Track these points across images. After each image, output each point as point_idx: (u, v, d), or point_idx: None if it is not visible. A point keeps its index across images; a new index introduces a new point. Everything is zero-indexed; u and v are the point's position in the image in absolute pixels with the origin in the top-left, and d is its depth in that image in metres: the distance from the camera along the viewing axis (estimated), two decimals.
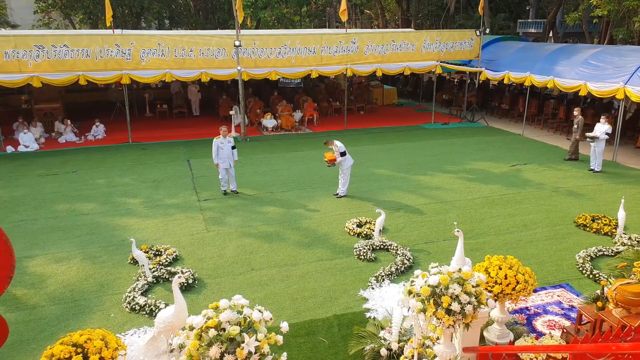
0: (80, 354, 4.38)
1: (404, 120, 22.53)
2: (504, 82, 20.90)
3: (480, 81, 22.63)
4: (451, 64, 21.96)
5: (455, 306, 4.58)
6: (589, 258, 8.69)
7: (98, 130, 18.92)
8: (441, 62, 21.07)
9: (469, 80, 23.23)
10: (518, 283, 5.56)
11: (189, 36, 18.58)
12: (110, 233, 10.11)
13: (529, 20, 38.85)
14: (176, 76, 18.01)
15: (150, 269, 8.22)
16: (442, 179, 13.58)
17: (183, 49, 17.79)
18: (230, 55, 18.20)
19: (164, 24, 38.28)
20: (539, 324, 6.91)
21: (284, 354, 4.40)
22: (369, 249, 9.07)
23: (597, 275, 8.03)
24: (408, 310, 4.94)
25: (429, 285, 4.73)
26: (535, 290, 6.12)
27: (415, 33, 21.89)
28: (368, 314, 7.11)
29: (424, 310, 4.70)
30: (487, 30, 22.75)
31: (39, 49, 16.24)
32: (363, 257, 8.84)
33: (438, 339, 5.56)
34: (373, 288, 7.85)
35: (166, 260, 8.67)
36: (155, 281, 8.06)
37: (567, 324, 6.73)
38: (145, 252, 8.66)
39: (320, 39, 19.55)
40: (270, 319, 4.28)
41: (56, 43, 16.43)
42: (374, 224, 9.71)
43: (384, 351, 5.92)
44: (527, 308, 7.25)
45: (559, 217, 10.74)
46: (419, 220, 10.65)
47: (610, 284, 5.90)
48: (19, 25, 34.48)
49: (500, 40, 24.73)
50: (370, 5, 45.06)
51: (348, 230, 10.04)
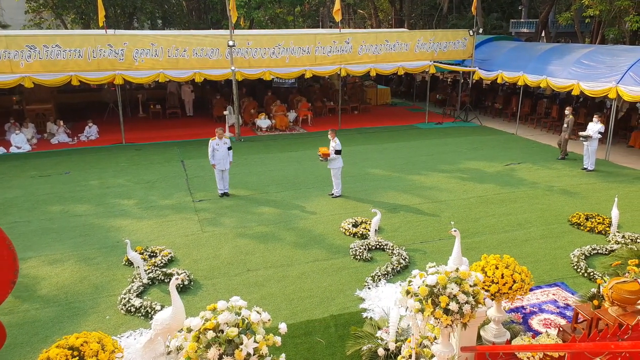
0: (77, 357, 4.35)
1: (398, 120, 22.58)
2: (497, 82, 21.02)
3: (474, 81, 22.71)
4: (445, 63, 22.04)
5: (453, 306, 4.59)
6: (584, 257, 8.74)
7: (91, 131, 18.81)
8: (435, 62, 21.13)
9: (463, 80, 23.32)
10: (515, 282, 5.58)
11: (183, 36, 18.51)
12: (104, 234, 10.04)
13: (522, 20, 39.04)
14: (169, 76, 17.93)
15: (145, 271, 8.17)
16: (437, 178, 13.62)
17: (176, 49, 17.72)
18: (224, 55, 18.14)
19: (157, 24, 38.09)
20: (535, 322, 6.94)
21: (282, 355, 4.38)
22: (365, 249, 9.08)
23: (592, 273, 8.09)
24: (406, 310, 4.94)
25: (426, 285, 4.73)
26: (530, 289, 6.14)
27: (409, 33, 21.94)
28: (365, 314, 7.11)
29: (422, 310, 4.70)
30: (480, 30, 22.85)
31: (31, 49, 16.12)
32: (359, 257, 8.84)
33: (436, 338, 5.57)
34: (369, 288, 7.85)
35: (161, 262, 8.63)
36: (150, 283, 8.01)
37: (563, 322, 6.77)
38: (140, 254, 8.61)
39: (314, 39, 19.55)
40: (269, 320, 4.26)
41: (48, 43, 16.31)
42: (370, 224, 9.71)
43: (381, 351, 5.93)
44: (523, 307, 7.29)
45: (553, 216, 10.79)
46: (414, 220, 10.66)
47: (606, 282, 5.94)
48: (9, 26, 34.11)
49: (493, 40, 24.83)
50: (363, 5, 45.08)
51: (344, 230, 10.04)
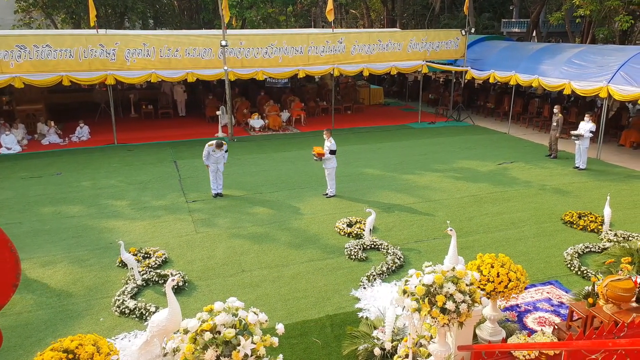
0: None
1: (391, 119, 22.62)
2: (490, 81, 21.11)
3: (466, 80, 22.81)
4: (437, 63, 22.11)
5: (450, 305, 4.58)
6: (577, 255, 8.80)
7: (82, 131, 18.66)
8: (427, 62, 21.19)
9: (455, 80, 23.40)
10: (510, 281, 5.59)
11: (175, 36, 18.41)
12: (97, 236, 9.96)
13: (513, 20, 39.29)
14: (162, 76, 17.83)
15: (139, 272, 8.12)
16: (430, 178, 13.65)
17: (169, 49, 17.63)
18: (217, 55, 18.08)
19: (148, 23, 37.87)
20: (530, 320, 6.97)
21: (280, 356, 4.37)
22: (360, 249, 9.07)
23: (585, 271, 8.15)
24: (403, 309, 4.94)
25: (423, 285, 4.72)
26: (525, 288, 6.18)
27: (402, 33, 21.98)
28: (360, 314, 7.11)
29: (418, 310, 4.69)
30: (472, 30, 22.94)
31: (21, 49, 15.96)
32: (354, 257, 8.84)
33: (432, 337, 5.57)
34: (365, 288, 7.85)
35: (155, 263, 8.57)
36: (144, 284, 7.95)
37: (557, 320, 6.81)
38: (134, 255, 8.55)
39: (307, 38, 19.53)
40: (266, 321, 4.24)
41: (38, 43, 16.16)
42: (364, 224, 9.71)
43: (377, 351, 5.92)
44: (518, 305, 7.32)
45: (546, 215, 10.86)
46: (408, 219, 10.68)
47: (600, 280, 5.98)
48: None
49: (485, 39, 24.94)
50: (355, 5, 45.10)
51: (338, 230, 10.03)
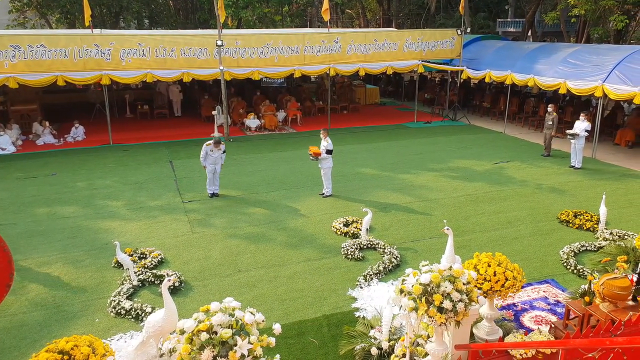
0: None
1: (387, 119, 22.63)
2: (485, 81, 21.15)
3: (462, 80, 22.84)
4: (433, 63, 22.12)
5: (447, 304, 4.58)
6: (573, 253, 8.82)
7: (77, 131, 18.57)
8: (423, 61, 21.20)
9: (451, 79, 23.43)
10: (507, 280, 5.60)
11: (170, 36, 18.35)
12: (92, 236, 9.91)
13: (508, 19, 39.41)
14: (157, 76, 17.76)
15: (135, 272, 8.08)
16: (427, 177, 13.66)
17: (164, 49, 17.56)
18: (212, 55, 18.03)
19: (144, 23, 37.74)
20: (526, 319, 6.98)
21: (277, 356, 4.35)
22: (357, 248, 9.07)
23: (581, 270, 8.17)
24: (400, 308, 4.93)
25: (420, 284, 4.72)
26: (522, 287, 6.20)
27: (398, 32, 21.99)
28: (357, 314, 7.10)
29: (415, 309, 4.69)
30: (468, 30, 22.98)
31: (15, 49, 15.86)
32: (351, 257, 8.83)
33: (429, 337, 5.57)
34: (362, 287, 7.84)
35: (151, 263, 8.53)
36: (140, 285, 7.92)
37: (554, 319, 6.82)
38: (129, 255, 8.52)
39: (303, 38, 19.51)
40: (263, 321, 4.23)
41: (33, 43, 16.07)
42: (361, 223, 9.70)
43: (374, 350, 5.92)
44: (514, 304, 7.33)
45: (542, 214, 10.88)
46: (405, 219, 10.68)
47: (596, 278, 5.99)
48: None
49: (481, 39, 24.99)
50: (351, 4, 45.12)
51: (335, 229, 10.02)
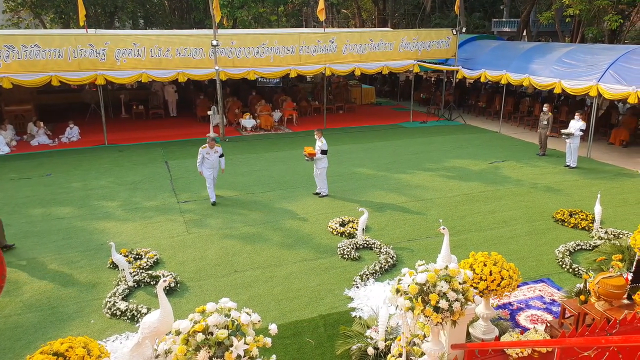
0: None
1: (382, 119, 22.64)
2: (481, 81, 21.20)
3: (457, 80, 22.88)
4: (428, 62, 22.16)
5: (443, 303, 4.58)
6: (568, 252, 8.85)
7: (72, 132, 18.49)
8: (418, 61, 21.24)
9: (446, 79, 23.47)
10: (503, 279, 5.61)
11: (166, 36, 18.30)
12: (87, 237, 9.86)
13: (503, 19, 39.51)
14: (152, 76, 17.71)
15: (130, 273, 8.05)
16: (422, 177, 13.68)
17: (159, 49, 17.52)
18: (208, 55, 17.99)
19: (139, 23, 37.63)
20: (522, 318, 7.00)
21: (273, 356, 4.34)
22: (353, 248, 9.06)
23: (577, 269, 8.19)
24: (396, 308, 4.93)
25: (416, 283, 4.71)
26: (517, 286, 6.22)
27: (393, 32, 22.01)
28: (354, 313, 7.09)
29: (412, 308, 4.68)
30: (464, 30, 23.02)
31: (9, 49, 15.78)
32: (347, 256, 8.82)
33: (425, 336, 5.57)
34: (358, 287, 7.83)
35: (147, 264, 8.50)
36: (136, 285, 7.88)
37: (550, 318, 6.84)
38: (125, 256, 8.47)
39: (299, 38, 19.50)
40: (259, 322, 4.21)
41: (27, 43, 15.99)
42: (357, 223, 9.70)
43: (370, 350, 5.91)
44: (510, 303, 7.34)
45: (537, 213, 10.91)
46: (401, 219, 10.69)
47: (592, 277, 6.01)
48: None
49: (476, 39, 25.05)
50: (346, 4, 45.14)
51: (331, 229, 10.01)
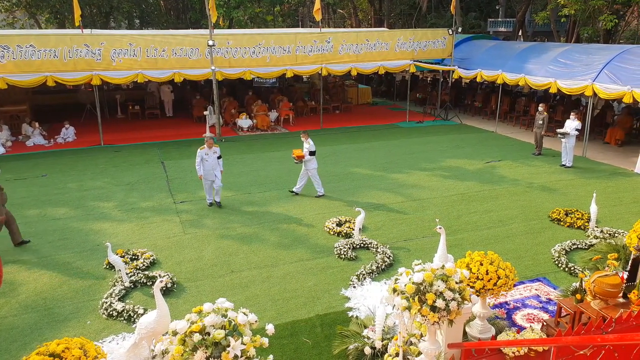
0: None
1: (379, 119, 22.66)
2: (477, 80, 21.23)
3: (453, 79, 22.93)
4: (424, 62, 22.19)
5: (440, 303, 4.59)
6: (564, 252, 8.89)
7: (68, 132, 18.43)
8: (415, 61, 21.27)
9: (442, 79, 23.51)
10: (499, 278, 5.63)
11: (161, 36, 18.25)
12: (84, 238, 9.83)
13: (499, 19, 39.59)
14: (148, 77, 17.66)
15: (127, 274, 8.03)
16: (419, 176, 13.70)
17: (155, 49, 17.47)
18: (204, 55, 17.97)
19: (134, 23, 37.54)
20: (519, 317, 7.02)
21: (270, 357, 4.34)
22: (349, 248, 9.07)
23: (573, 268, 8.23)
24: (393, 308, 4.93)
25: (413, 283, 4.72)
26: (514, 285, 6.25)
27: (389, 32, 22.03)
28: (351, 313, 7.10)
29: (408, 308, 4.69)
30: (459, 29, 23.07)
31: (4, 49, 15.71)
32: (344, 256, 8.83)
33: (422, 336, 5.58)
34: (355, 287, 7.84)
35: (143, 265, 8.48)
36: (132, 286, 7.87)
37: (546, 316, 6.86)
38: (121, 257, 8.45)
39: (295, 38, 19.49)
40: (256, 322, 4.21)
41: (22, 43, 15.91)
42: (354, 223, 9.71)
43: (367, 350, 5.92)
44: (507, 302, 7.37)
45: (533, 212, 10.95)
46: (397, 218, 10.70)
47: (588, 276, 6.03)
48: None
49: (472, 39, 25.10)
50: (343, 4, 45.15)
51: (328, 229, 10.02)
